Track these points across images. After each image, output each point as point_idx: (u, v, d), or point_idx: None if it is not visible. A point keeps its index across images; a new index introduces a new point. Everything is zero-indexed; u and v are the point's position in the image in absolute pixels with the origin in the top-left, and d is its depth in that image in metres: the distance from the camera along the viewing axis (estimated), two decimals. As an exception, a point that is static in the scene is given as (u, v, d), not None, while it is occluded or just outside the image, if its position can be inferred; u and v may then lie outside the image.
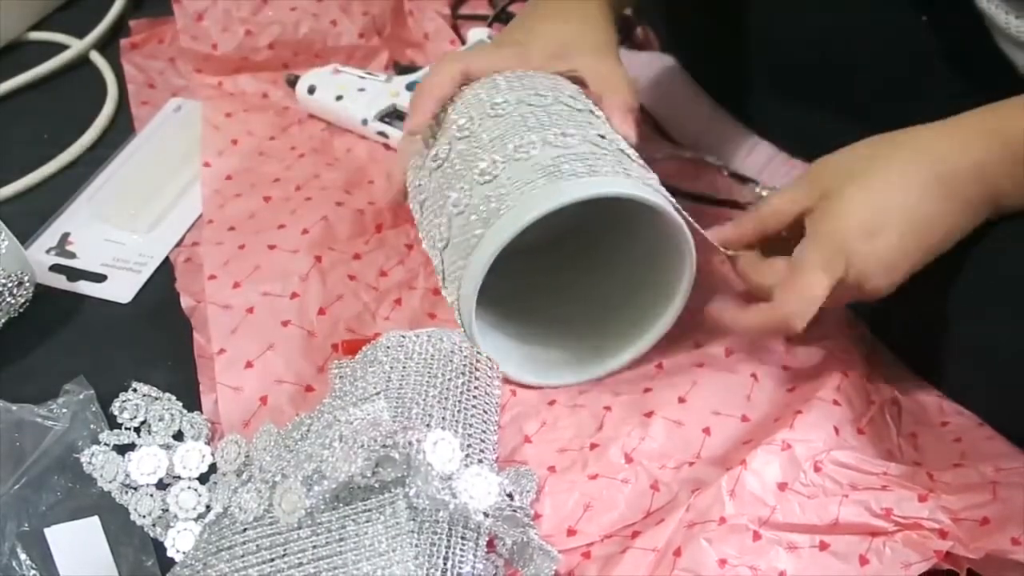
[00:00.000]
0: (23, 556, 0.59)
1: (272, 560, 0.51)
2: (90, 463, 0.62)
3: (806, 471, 0.57)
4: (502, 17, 0.96)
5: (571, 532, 0.58)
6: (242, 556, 0.51)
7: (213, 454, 0.63)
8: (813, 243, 0.59)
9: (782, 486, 0.57)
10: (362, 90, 0.87)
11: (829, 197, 0.59)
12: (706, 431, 0.61)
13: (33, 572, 0.59)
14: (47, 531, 0.60)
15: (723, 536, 0.55)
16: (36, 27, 0.99)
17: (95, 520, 0.61)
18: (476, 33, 0.93)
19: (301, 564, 0.50)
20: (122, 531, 0.61)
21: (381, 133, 0.85)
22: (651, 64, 0.88)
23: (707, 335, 0.67)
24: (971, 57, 0.65)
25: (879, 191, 0.58)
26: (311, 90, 0.87)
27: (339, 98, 0.86)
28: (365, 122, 0.85)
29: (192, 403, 0.67)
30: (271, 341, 0.68)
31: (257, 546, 0.51)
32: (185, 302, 0.73)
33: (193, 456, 0.63)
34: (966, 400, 0.64)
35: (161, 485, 0.62)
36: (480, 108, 0.63)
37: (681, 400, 0.63)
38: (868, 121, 0.62)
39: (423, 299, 0.72)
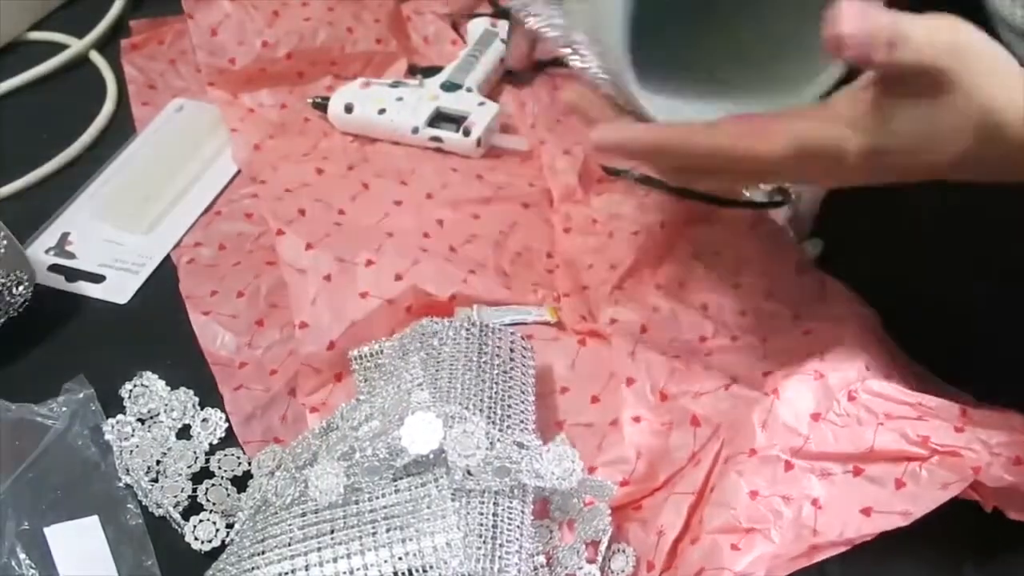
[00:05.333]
0: (22, 555, 0.59)
1: (319, 538, 0.52)
2: (126, 443, 0.64)
3: (840, 400, 0.56)
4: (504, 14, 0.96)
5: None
6: (289, 544, 0.52)
7: (250, 461, 0.64)
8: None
9: (816, 416, 0.56)
10: (400, 99, 0.84)
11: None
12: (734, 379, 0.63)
13: (32, 571, 0.59)
14: (46, 530, 0.60)
15: (754, 468, 0.55)
16: (36, 27, 0.98)
17: (94, 519, 0.61)
18: (477, 24, 0.92)
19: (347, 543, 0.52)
20: (121, 531, 0.61)
21: (434, 138, 0.83)
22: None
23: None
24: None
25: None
26: (348, 108, 0.84)
27: (382, 111, 0.83)
28: (416, 131, 0.83)
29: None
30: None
31: (304, 534, 0.53)
32: (191, 309, 0.73)
33: (229, 460, 0.64)
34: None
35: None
36: None
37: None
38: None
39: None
